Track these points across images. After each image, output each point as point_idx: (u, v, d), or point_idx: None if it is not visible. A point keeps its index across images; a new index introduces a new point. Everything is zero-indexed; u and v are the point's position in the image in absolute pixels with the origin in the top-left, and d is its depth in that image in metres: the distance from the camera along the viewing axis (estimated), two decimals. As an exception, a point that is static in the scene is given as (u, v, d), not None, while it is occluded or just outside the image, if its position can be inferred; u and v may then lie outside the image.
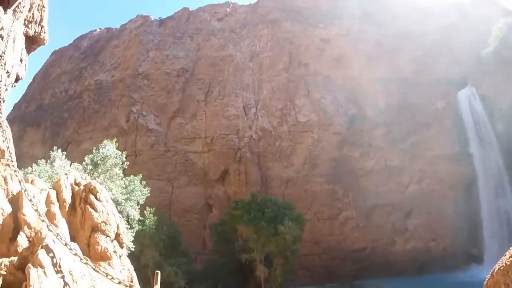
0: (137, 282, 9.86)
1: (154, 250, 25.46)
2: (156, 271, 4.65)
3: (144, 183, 23.96)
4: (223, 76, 48.08)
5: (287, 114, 46.53)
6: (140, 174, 23.99)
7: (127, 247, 13.89)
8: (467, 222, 37.88)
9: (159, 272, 4.63)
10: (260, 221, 32.16)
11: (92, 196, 10.28)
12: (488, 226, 37.42)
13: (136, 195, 22.10)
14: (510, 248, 5.76)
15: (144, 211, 26.10)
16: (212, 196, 43.26)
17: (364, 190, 42.19)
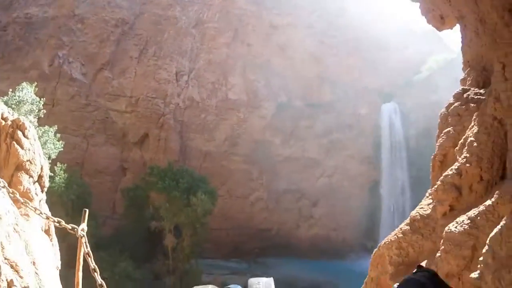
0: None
1: (62, 208, 24.26)
2: (84, 209, 4.71)
3: (58, 136, 22.78)
4: (163, 37, 45.88)
5: (218, 89, 46.30)
6: (56, 126, 22.72)
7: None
8: (367, 218, 42.44)
9: (87, 210, 4.70)
10: (173, 190, 32.52)
11: (19, 132, 9.52)
12: (385, 222, 42.16)
13: (48, 148, 21.03)
14: (396, 229, 7.08)
15: (55, 166, 24.72)
16: (128, 160, 41.83)
17: (278, 175, 44.31)
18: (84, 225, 4.47)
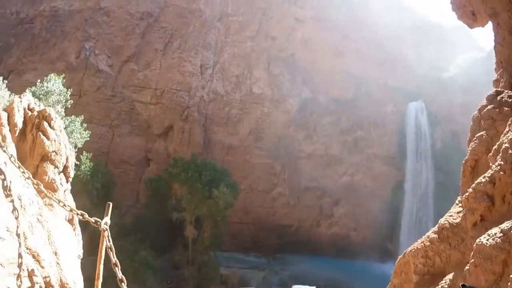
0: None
1: (86, 197, 24.81)
2: (108, 202, 4.69)
3: (85, 126, 23.11)
4: (187, 29, 46.14)
5: (243, 82, 46.24)
6: (82, 116, 23.06)
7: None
8: (389, 219, 41.80)
9: (111, 203, 4.68)
10: (196, 182, 32.73)
11: (45, 123, 9.62)
12: (405, 226, 41.38)
13: (75, 137, 21.30)
14: (422, 237, 6.83)
15: (81, 155, 25.24)
16: (152, 150, 42.39)
17: (300, 171, 44.07)
18: (107, 218, 4.46)
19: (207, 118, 44.61)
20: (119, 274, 3.79)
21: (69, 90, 22.18)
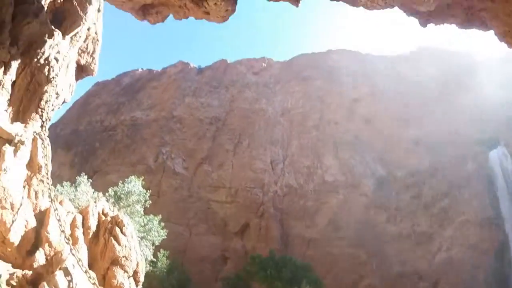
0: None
1: (162, 294, 24.54)
2: None
3: (162, 224, 23.66)
4: (254, 129, 48.74)
5: (314, 172, 45.98)
6: (160, 215, 23.76)
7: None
8: (498, 289, 34.85)
9: None
10: (276, 280, 30.95)
11: (117, 229, 10.19)
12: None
13: (153, 235, 21.81)
14: None
15: (158, 252, 25.70)
16: (229, 249, 41.97)
17: (389, 256, 39.89)
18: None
19: (283, 212, 44.06)
20: None
21: (148, 191, 23.42)
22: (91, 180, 18.22)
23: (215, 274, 40.13)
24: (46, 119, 11.43)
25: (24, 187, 8.05)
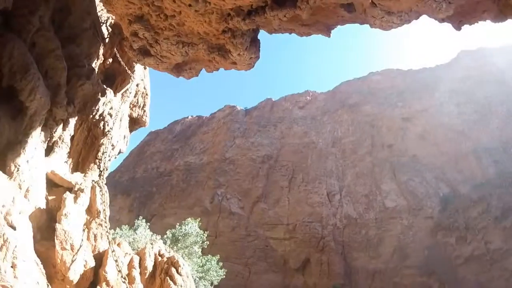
0: None
1: (220, 334, 24.22)
2: None
3: (221, 264, 23.86)
4: (306, 162, 48.68)
5: (373, 200, 44.46)
6: (218, 255, 24.02)
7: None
8: None
9: None
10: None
11: (173, 269, 10.57)
12: None
13: (211, 275, 21.97)
14: None
15: (217, 293, 25.62)
16: (290, 286, 41.00)
17: (463, 281, 36.42)
18: None
19: (345, 245, 42.67)
20: None
21: (205, 232, 23.95)
22: (149, 224, 19.12)
23: (278, 312, 39.33)
24: (104, 169, 12.59)
25: (84, 230, 8.86)
